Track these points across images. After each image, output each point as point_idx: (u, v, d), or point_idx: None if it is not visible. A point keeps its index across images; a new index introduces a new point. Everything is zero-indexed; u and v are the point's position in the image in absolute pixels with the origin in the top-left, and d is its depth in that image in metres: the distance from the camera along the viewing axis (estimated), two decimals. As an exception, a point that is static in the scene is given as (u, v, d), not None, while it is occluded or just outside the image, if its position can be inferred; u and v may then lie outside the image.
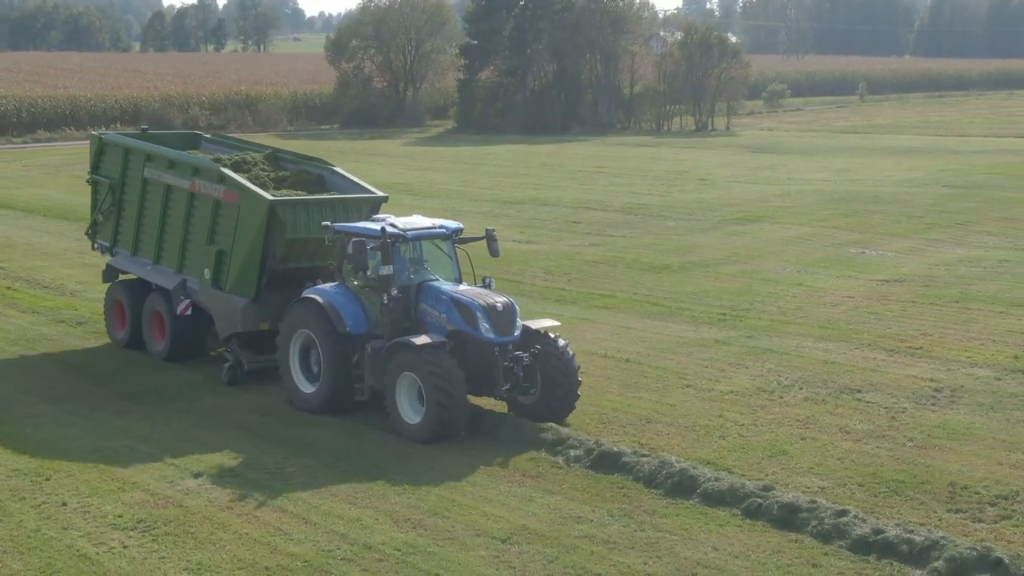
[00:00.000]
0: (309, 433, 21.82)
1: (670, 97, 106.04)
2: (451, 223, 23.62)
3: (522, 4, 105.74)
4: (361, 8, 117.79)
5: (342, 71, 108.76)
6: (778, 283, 34.56)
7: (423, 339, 21.07)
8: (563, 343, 22.22)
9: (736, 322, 29.85)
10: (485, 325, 21.46)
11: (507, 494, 18.63)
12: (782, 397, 23.61)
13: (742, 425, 21.87)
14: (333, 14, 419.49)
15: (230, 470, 19.73)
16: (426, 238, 23.07)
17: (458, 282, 23.01)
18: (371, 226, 22.68)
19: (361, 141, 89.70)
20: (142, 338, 27.61)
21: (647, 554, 16.40)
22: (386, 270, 21.93)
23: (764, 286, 34.14)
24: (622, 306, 31.94)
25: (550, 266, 37.61)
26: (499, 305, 21.73)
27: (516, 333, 21.87)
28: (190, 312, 25.99)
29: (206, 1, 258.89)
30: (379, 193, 25.98)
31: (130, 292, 28.01)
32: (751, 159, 74.07)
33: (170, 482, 19.19)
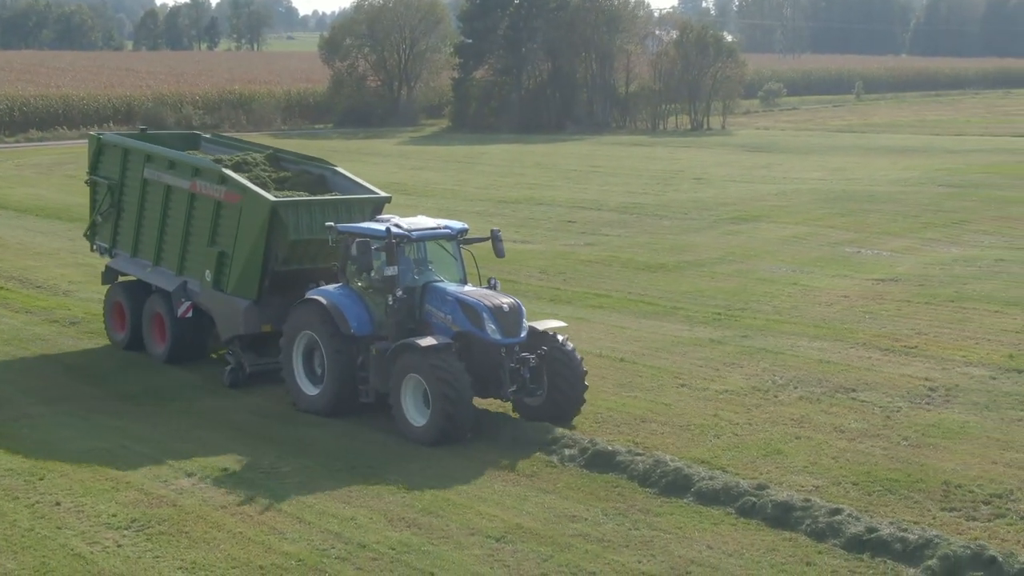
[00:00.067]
0: (304, 433, 21.81)
1: (666, 96, 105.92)
2: (456, 223, 23.46)
3: (516, 3, 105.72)
4: (355, 6, 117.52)
5: (336, 70, 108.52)
6: (773, 282, 34.57)
7: (429, 340, 20.88)
8: (569, 344, 22.10)
9: (731, 321, 29.86)
10: (491, 326, 21.32)
11: (501, 493, 18.63)
12: (777, 396, 23.62)
13: (736, 424, 21.88)
14: (327, 12, 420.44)
15: (224, 470, 19.72)
16: (431, 238, 22.92)
17: (463, 283, 22.86)
18: (375, 227, 22.54)
19: (355, 140, 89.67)
20: (142, 340, 27.41)
21: (641, 552, 16.41)
22: (391, 271, 21.74)
23: (759, 285, 34.16)
24: (617, 305, 31.94)
25: (545, 266, 37.60)
26: (505, 306, 21.61)
27: (522, 334, 21.70)
28: (191, 314, 25.80)
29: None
30: (382, 193, 25.83)
31: (130, 293, 27.84)
32: (747, 158, 74.07)
33: (164, 482, 19.18)
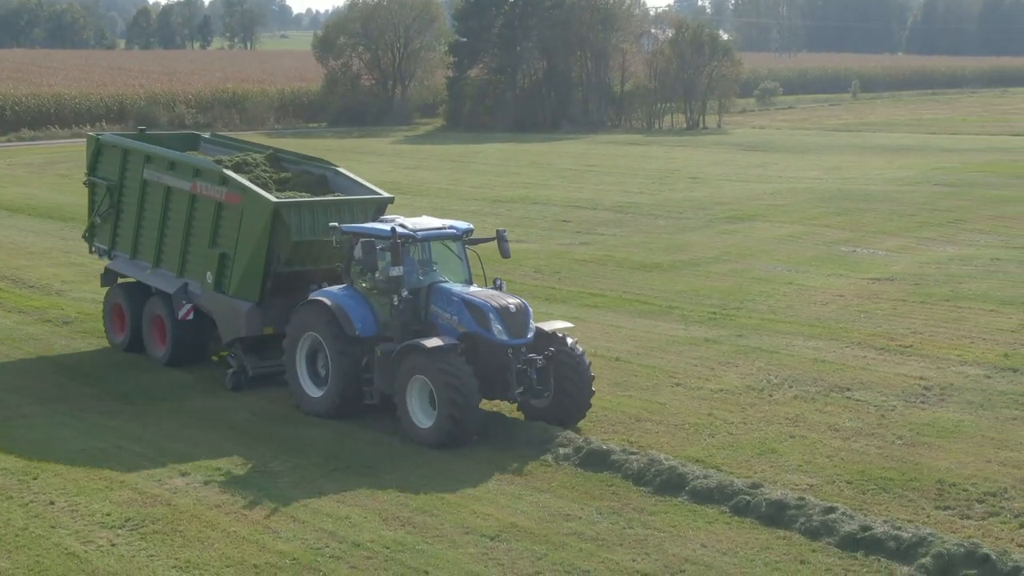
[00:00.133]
0: (298, 433, 21.80)
1: (661, 95, 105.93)
2: (461, 223, 23.29)
3: (511, 1, 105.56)
4: (349, 5, 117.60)
5: (330, 69, 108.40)
6: (769, 282, 34.58)
7: (435, 341, 20.67)
8: (576, 346, 21.90)
9: (726, 321, 29.86)
10: (498, 327, 21.10)
11: (496, 492, 18.63)
12: (772, 395, 23.63)
13: (731, 423, 21.89)
14: (320, 11, 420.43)
15: (219, 469, 19.70)
16: (436, 239, 22.74)
17: (468, 283, 22.70)
18: (380, 227, 22.38)
19: (349, 139, 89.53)
20: (141, 342, 27.16)
21: (636, 551, 16.42)
22: (396, 271, 21.55)
23: (755, 285, 34.16)
24: (612, 305, 31.94)
25: (540, 265, 37.59)
26: (512, 307, 21.37)
27: (529, 335, 21.48)
28: (192, 317, 25.58)
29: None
30: (384, 194, 25.61)
31: (129, 295, 27.56)
32: (742, 157, 74.09)
33: (158, 481, 19.17)
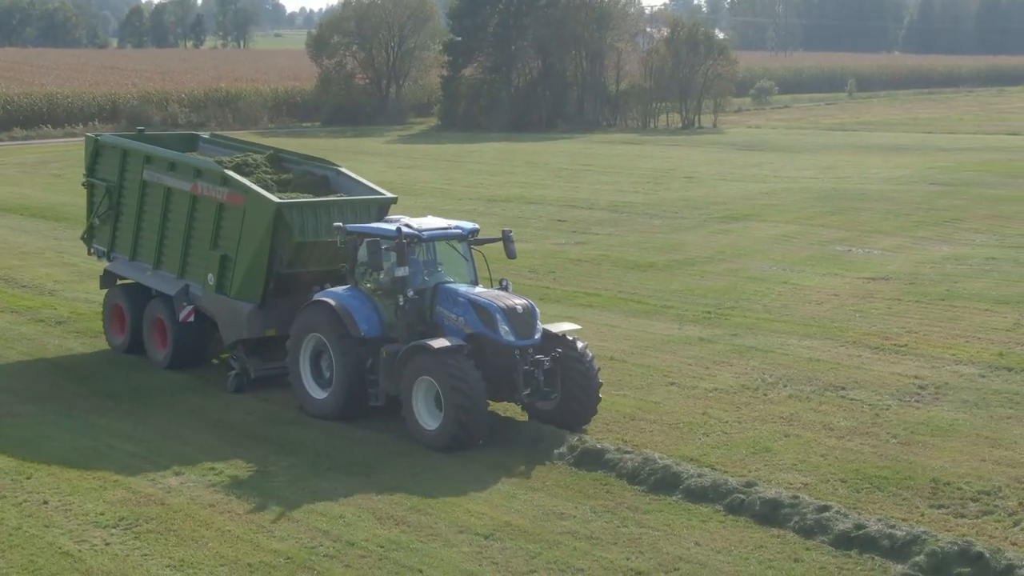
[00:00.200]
0: (292, 432, 21.78)
1: (656, 94, 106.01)
2: (467, 224, 23.13)
3: (506, 0, 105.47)
4: (343, 4, 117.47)
5: (324, 68, 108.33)
6: (764, 281, 34.58)
7: (441, 343, 20.44)
8: (584, 347, 21.64)
9: (721, 320, 29.87)
10: (505, 328, 20.86)
11: (490, 491, 18.62)
12: (766, 395, 23.63)
13: (726, 422, 21.89)
14: (314, 10, 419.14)
15: (212, 468, 19.68)
16: (441, 239, 22.56)
17: (474, 284, 22.52)
18: (385, 227, 22.20)
19: (343, 139, 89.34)
20: (141, 343, 26.84)
21: (630, 549, 16.42)
22: (401, 272, 21.36)
23: (750, 284, 34.16)
24: (607, 304, 31.93)
25: (535, 264, 37.58)
26: (519, 307, 21.13)
27: (536, 336, 21.21)
28: (193, 319, 25.37)
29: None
30: (388, 194, 25.38)
31: (129, 297, 27.26)
32: (738, 157, 74.12)
33: (152, 480, 19.15)
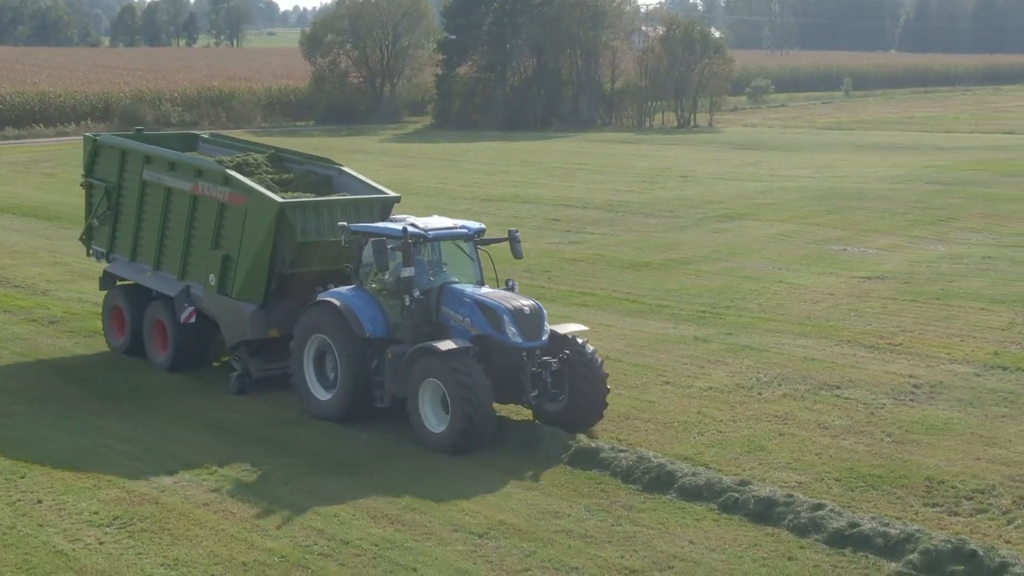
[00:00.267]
0: (287, 432, 21.77)
1: (652, 93, 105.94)
2: (473, 223, 22.91)
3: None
4: (337, 2, 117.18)
5: (317, 66, 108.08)
6: (759, 280, 34.57)
7: (448, 344, 20.23)
8: (592, 349, 21.45)
9: (716, 319, 29.86)
10: (512, 329, 20.63)
11: (484, 490, 18.61)
12: (761, 393, 23.64)
13: (720, 421, 21.89)
14: (308, 8, 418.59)
15: (206, 468, 19.67)
16: (447, 238, 22.35)
17: (480, 284, 22.35)
18: (391, 226, 21.99)
19: (337, 138, 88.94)
20: (141, 345, 26.60)
21: (624, 548, 16.43)
22: (407, 272, 21.16)
23: (745, 283, 34.15)
24: (602, 304, 31.92)
25: (530, 264, 37.47)
26: (526, 308, 20.90)
27: (544, 338, 21.00)
28: (194, 320, 25.16)
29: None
30: (391, 193, 25.22)
31: (129, 298, 27.01)
32: (734, 156, 74.12)
33: (146, 479, 19.13)
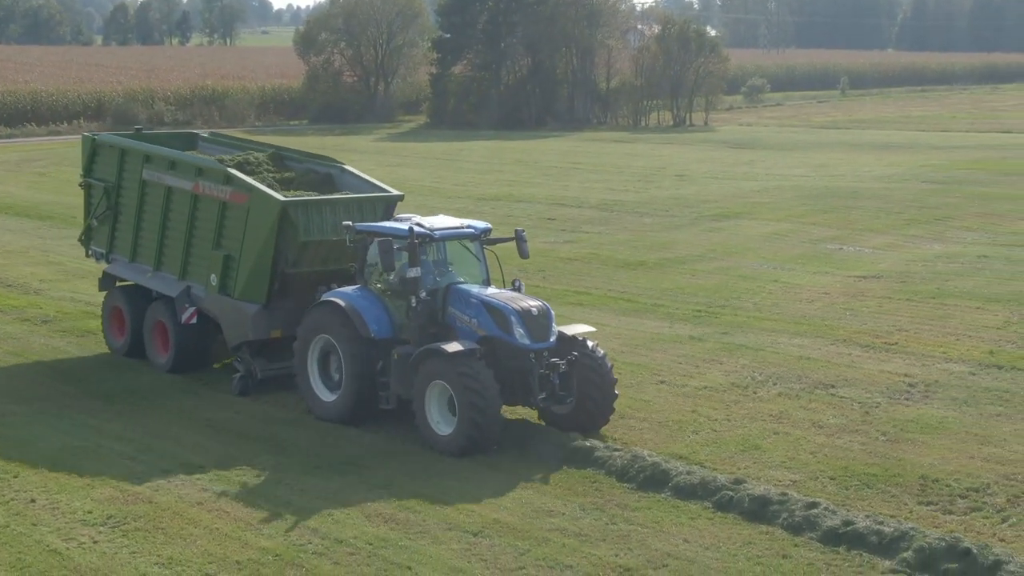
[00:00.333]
0: (281, 431, 21.76)
1: (647, 92, 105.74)
2: (479, 223, 22.70)
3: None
4: (330, 0, 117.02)
5: (311, 65, 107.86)
6: (754, 279, 34.57)
7: (455, 346, 20.02)
8: (600, 350, 21.25)
9: (711, 318, 29.86)
10: (520, 330, 20.42)
11: (479, 489, 18.61)
12: (756, 392, 23.64)
13: (715, 420, 21.90)
14: (302, 7, 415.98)
15: (200, 467, 19.66)
16: (454, 238, 22.13)
17: (486, 284, 22.19)
18: (397, 226, 21.75)
19: (331, 137, 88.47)
20: (141, 346, 26.35)
21: (618, 546, 16.44)
22: (413, 272, 20.93)
23: (740, 283, 34.15)
24: (597, 303, 31.91)
25: (524, 263, 37.36)
26: (534, 309, 20.69)
27: (552, 339, 20.78)
28: (195, 321, 24.94)
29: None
30: (394, 191, 25.11)
31: (129, 298, 26.76)
32: (729, 155, 74.13)
33: (139, 479, 19.11)
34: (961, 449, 20.09)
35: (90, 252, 28.64)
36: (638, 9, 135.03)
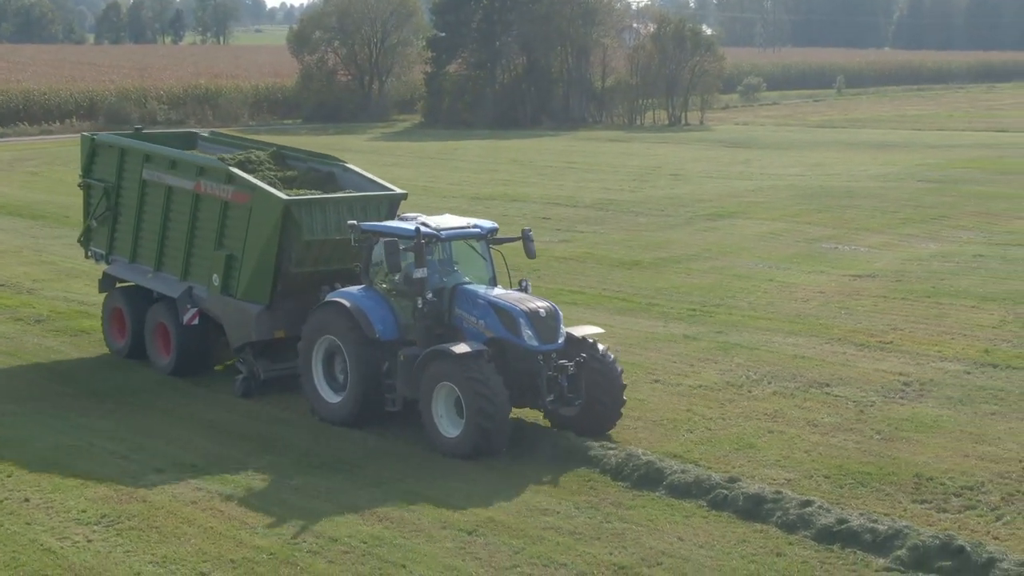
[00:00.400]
0: (275, 430, 21.75)
1: (643, 91, 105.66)
2: (486, 222, 22.38)
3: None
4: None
5: (305, 64, 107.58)
6: (749, 279, 34.56)
7: (463, 347, 19.77)
8: (608, 352, 21.04)
9: (706, 318, 29.85)
10: (528, 332, 20.19)
11: (473, 487, 18.61)
12: (750, 391, 23.64)
13: (710, 419, 21.90)
14: (295, 5, 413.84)
15: (194, 466, 19.64)
16: (460, 238, 21.88)
17: (492, 284, 21.99)
18: (403, 226, 21.47)
19: (325, 136, 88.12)
20: (142, 348, 26.15)
21: (613, 544, 16.44)
22: (420, 273, 20.65)
23: (735, 282, 34.14)
24: (591, 302, 31.89)
25: (519, 263, 37.41)
26: (542, 311, 20.45)
27: (560, 340, 20.56)
28: (197, 322, 24.76)
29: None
30: (397, 190, 24.96)
31: (130, 299, 26.56)
32: (725, 154, 74.09)
33: (133, 478, 19.09)
34: (955, 447, 20.10)
35: (90, 253, 28.40)
36: (634, 7, 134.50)
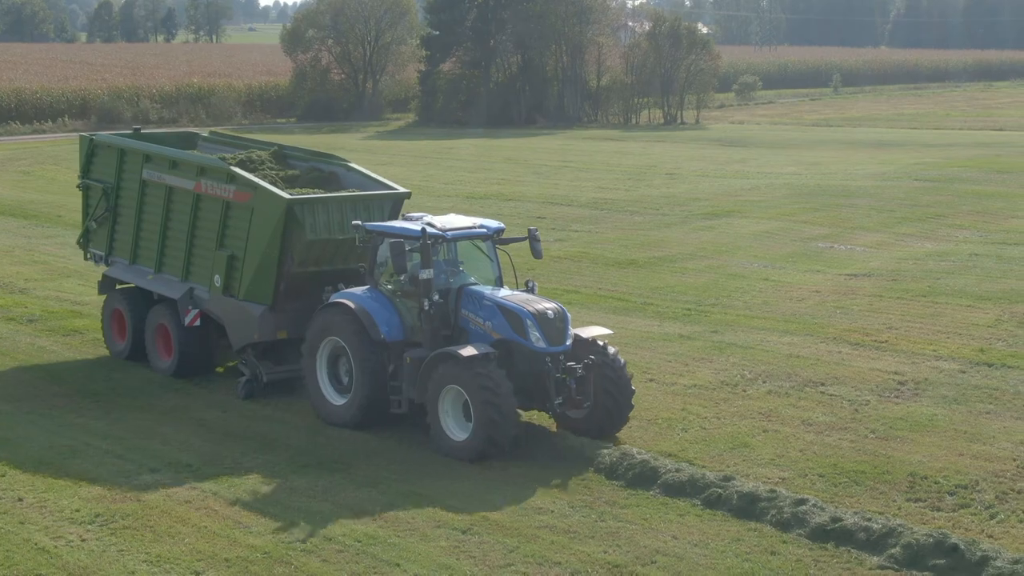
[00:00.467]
0: (270, 429, 21.75)
1: (638, 89, 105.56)
2: (492, 222, 22.25)
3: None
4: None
5: (298, 62, 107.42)
6: (745, 278, 34.53)
7: (470, 350, 19.58)
8: (617, 354, 20.85)
9: (701, 317, 29.84)
10: (535, 334, 20.01)
11: (468, 486, 18.63)
12: (745, 391, 23.64)
13: (704, 418, 21.91)
14: (289, 3, 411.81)
15: (188, 465, 19.66)
16: (467, 238, 21.67)
17: (498, 284, 21.89)
18: (409, 226, 21.21)
19: (319, 135, 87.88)
20: (142, 349, 26.00)
21: (607, 543, 16.46)
22: (426, 274, 20.47)
23: (731, 281, 34.12)
24: (587, 301, 31.86)
25: (515, 262, 37.35)
26: (550, 312, 20.26)
27: (568, 342, 20.38)
28: (198, 323, 24.61)
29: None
30: (401, 189, 24.71)
31: (130, 300, 26.38)
32: (720, 153, 74.06)
33: (127, 477, 19.10)
34: (950, 446, 20.12)
35: (89, 255, 28.22)
36: (629, 6, 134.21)
